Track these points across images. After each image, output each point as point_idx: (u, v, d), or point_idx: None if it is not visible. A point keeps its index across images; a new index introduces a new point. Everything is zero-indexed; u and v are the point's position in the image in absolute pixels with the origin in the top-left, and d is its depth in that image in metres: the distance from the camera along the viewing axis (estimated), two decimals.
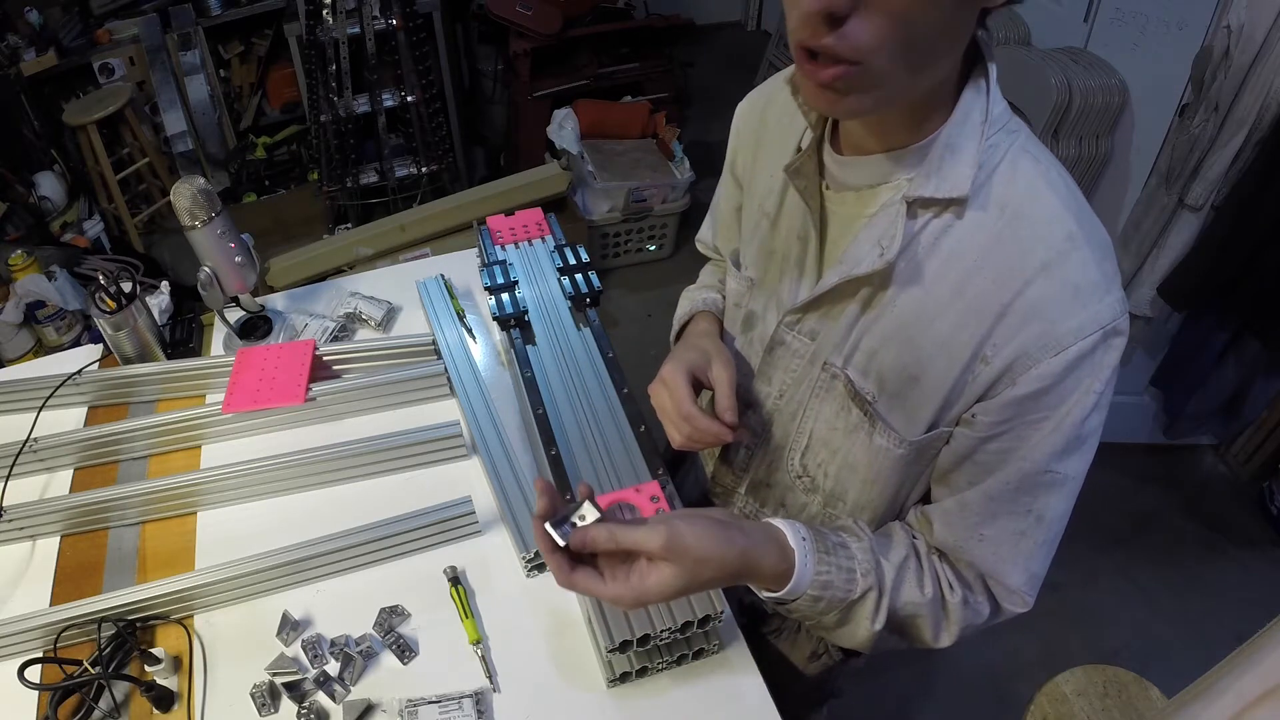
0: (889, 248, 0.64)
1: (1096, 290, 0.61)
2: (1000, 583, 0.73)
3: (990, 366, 0.64)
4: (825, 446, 0.80)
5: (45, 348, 2.57)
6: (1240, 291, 1.81)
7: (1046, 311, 0.61)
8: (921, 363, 0.68)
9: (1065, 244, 0.61)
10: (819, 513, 0.85)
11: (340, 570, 0.94)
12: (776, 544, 0.69)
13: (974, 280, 0.64)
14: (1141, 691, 1.26)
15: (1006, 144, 0.64)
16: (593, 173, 2.86)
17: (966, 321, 0.65)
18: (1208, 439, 2.28)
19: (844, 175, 0.70)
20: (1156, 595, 2.00)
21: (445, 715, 0.80)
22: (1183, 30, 1.76)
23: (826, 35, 0.53)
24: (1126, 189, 2.00)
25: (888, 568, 0.73)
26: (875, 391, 0.72)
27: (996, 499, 0.69)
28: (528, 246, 1.29)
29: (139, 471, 1.07)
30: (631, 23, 3.32)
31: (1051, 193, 0.63)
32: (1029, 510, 0.69)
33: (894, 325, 0.69)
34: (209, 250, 1.13)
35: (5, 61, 2.83)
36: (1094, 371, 0.62)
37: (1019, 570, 0.72)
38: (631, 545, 0.62)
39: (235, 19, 3.19)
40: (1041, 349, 0.62)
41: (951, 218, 0.64)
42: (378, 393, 1.11)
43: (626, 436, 0.96)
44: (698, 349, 0.84)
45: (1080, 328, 0.61)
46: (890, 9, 0.51)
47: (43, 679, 0.84)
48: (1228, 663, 0.71)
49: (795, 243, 0.77)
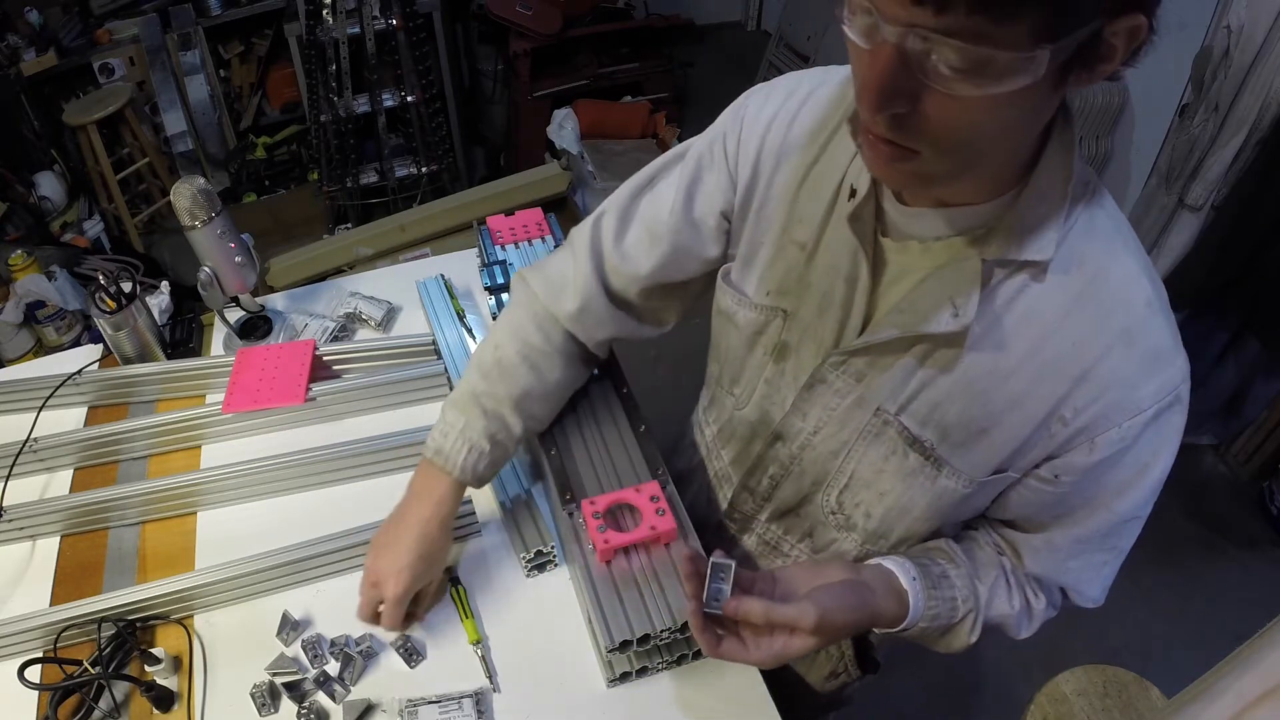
0: (964, 309, 0.62)
1: (1170, 354, 0.63)
2: (1081, 594, 0.78)
3: (1069, 427, 0.65)
4: (869, 488, 0.77)
5: (45, 348, 2.57)
6: (1240, 291, 1.81)
7: (1129, 378, 0.62)
8: (992, 416, 0.67)
9: (1144, 309, 0.62)
10: (854, 550, 0.84)
11: (340, 570, 0.94)
12: (895, 592, 0.73)
13: (1052, 341, 0.63)
14: (1141, 691, 1.26)
15: (1083, 199, 0.62)
16: (593, 173, 2.86)
17: (1043, 379, 0.64)
18: (1208, 439, 2.29)
19: (907, 225, 0.66)
20: (1156, 595, 2.00)
21: (445, 715, 0.80)
22: (1183, 30, 1.77)
23: (885, 125, 0.51)
24: (1126, 189, 2.00)
25: (983, 590, 0.77)
26: (935, 440, 0.71)
27: (1084, 541, 0.73)
28: (528, 246, 1.29)
29: (139, 471, 1.07)
30: (631, 23, 3.32)
31: (1127, 253, 0.63)
32: (1114, 547, 0.74)
33: (961, 382, 0.67)
34: (209, 250, 1.13)
35: (5, 61, 2.84)
36: (1169, 432, 0.65)
37: (1098, 587, 0.78)
38: (786, 623, 0.67)
39: (235, 19, 3.19)
40: (1121, 413, 0.63)
41: (1028, 278, 0.63)
42: (378, 393, 1.11)
43: (626, 436, 0.96)
44: (431, 559, 0.85)
45: (1158, 391, 0.63)
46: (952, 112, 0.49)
47: (43, 679, 0.84)
48: (1228, 663, 0.71)
49: (841, 283, 0.71)
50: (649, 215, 0.83)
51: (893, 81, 0.48)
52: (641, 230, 0.83)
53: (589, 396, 1.03)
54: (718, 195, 0.79)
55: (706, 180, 0.80)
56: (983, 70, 0.46)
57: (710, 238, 0.81)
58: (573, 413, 1.00)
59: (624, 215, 0.84)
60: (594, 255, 0.84)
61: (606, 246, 0.84)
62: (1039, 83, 0.47)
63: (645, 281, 0.83)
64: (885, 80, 0.48)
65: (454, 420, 0.84)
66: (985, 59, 0.45)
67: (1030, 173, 0.60)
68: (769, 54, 3.78)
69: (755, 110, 0.76)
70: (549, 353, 0.86)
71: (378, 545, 0.85)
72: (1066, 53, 0.47)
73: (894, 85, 0.48)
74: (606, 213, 0.85)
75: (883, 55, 0.48)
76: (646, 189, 0.84)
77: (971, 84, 0.47)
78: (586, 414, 1.01)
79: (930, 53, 0.47)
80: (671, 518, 0.83)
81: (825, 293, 0.73)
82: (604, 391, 1.03)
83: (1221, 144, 1.69)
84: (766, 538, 0.93)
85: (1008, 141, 0.56)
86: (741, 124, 0.77)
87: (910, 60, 0.48)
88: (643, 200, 0.84)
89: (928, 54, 0.47)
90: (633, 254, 0.83)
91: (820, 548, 0.87)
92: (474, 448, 0.83)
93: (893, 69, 0.48)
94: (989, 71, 0.46)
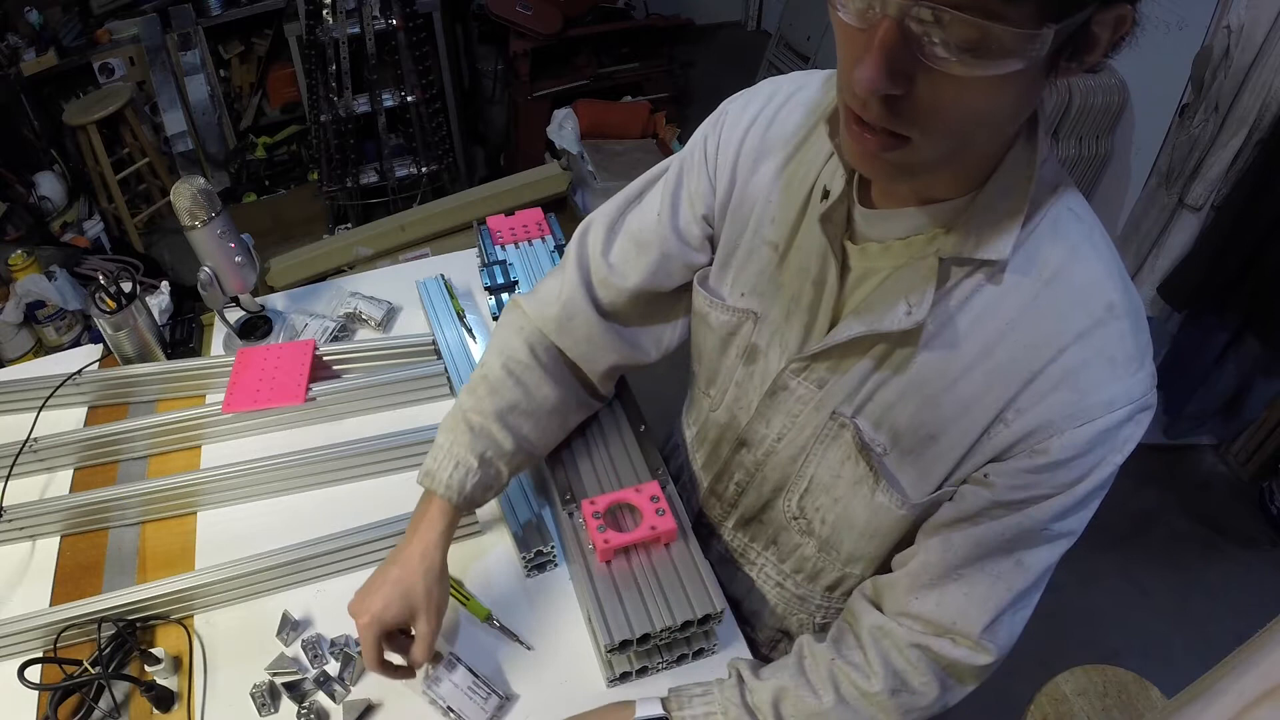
0: (918, 306, 0.61)
1: (1131, 364, 0.60)
2: (962, 633, 0.69)
3: (1010, 429, 0.62)
4: (826, 493, 0.76)
5: (45, 348, 2.57)
6: (1240, 291, 1.81)
7: (1078, 381, 0.59)
8: (941, 422, 0.65)
9: (1105, 313, 0.59)
10: (814, 556, 0.82)
11: (340, 570, 0.94)
12: (614, 706, 0.78)
13: (1005, 342, 0.61)
14: (1141, 691, 1.26)
15: (1049, 200, 0.61)
16: (593, 173, 2.86)
17: (993, 384, 0.62)
18: (1208, 439, 2.28)
19: (869, 229, 0.66)
20: (1156, 595, 2.00)
21: (470, 691, 0.80)
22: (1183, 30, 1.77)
23: (878, 109, 0.51)
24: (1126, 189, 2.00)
25: (761, 691, 0.74)
26: (887, 444, 0.69)
27: (983, 542, 0.66)
28: (528, 246, 1.30)
29: (139, 471, 1.07)
30: (631, 23, 3.32)
31: (1095, 256, 0.61)
32: (1014, 558, 0.66)
33: (914, 382, 0.66)
34: (209, 250, 1.13)
35: (5, 61, 2.84)
36: (1118, 446, 0.61)
37: (986, 615, 0.68)
38: None
39: (235, 19, 3.18)
40: (1067, 419, 0.60)
41: (984, 278, 0.62)
42: (378, 393, 1.11)
43: (626, 436, 0.96)
44: (405, 589, 0.76)
45: (1111, 401, 0.59)
46: (947, 95, 0.49)
47: (43, 679, 0.84)
48: (1228, 663, 0.71)
49: (808, 287, 0.71)
50: (635, 227, 0.83)
51: (891, 61, 0.48)
52: (629, 242, 0.82)
53: None
54: (698, 200, 0.79)
55: (688, 186, 0.80)
56: (986, 49, 0.46)
57: (696, 243, 0.80)
58: None
59: (611, 228, 0.84)
60: (580, 267, 0.84)
61: (594, 258, 0.84)
62: (1031, 69, 0.48)
63: (634, 292, 0.82)
64: (884, 58, 0.47)
65: (442, 441, 0.82)
66: (992, 36, 0.45)
67: (995, 171, 0.60)
68: (769, 54, 3.78)
69: (735, 114, 0.77)
70: (533, 367, 0.84)
71: (363, 588, 0.79)
72: (1065, 35, 0.47)
73: (892, 65, 0.48)
74: (593, 226, 0.85)
75: (882, 32, 0.47)
76: (634, 203, 0.84)
77: (972, 64, 0.47)
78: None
79: (930, 32, 0.46)
80: (671, 518, 0.83)
81: (794, 296, 0.73)
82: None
83: (1221, 144, 1.69)
84: (734, 545, 0.93)
85: (993, 130, 0.56)
86: (721, 128, 0.77)
87: (910, 38, 0.47)
88: (630, 214, 0.84)
89: (927, 33, 0.47)
90: (620, 266, 0.82)
91: (785, 555, 0.86)
92: (460, 463, 0.79)
93: (893, 46, 0.47)
94: (992, 51, 0.46)
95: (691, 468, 0.97)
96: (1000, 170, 0.60)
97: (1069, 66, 0.51)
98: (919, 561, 0.70)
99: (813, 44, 3.55)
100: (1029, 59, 0.46)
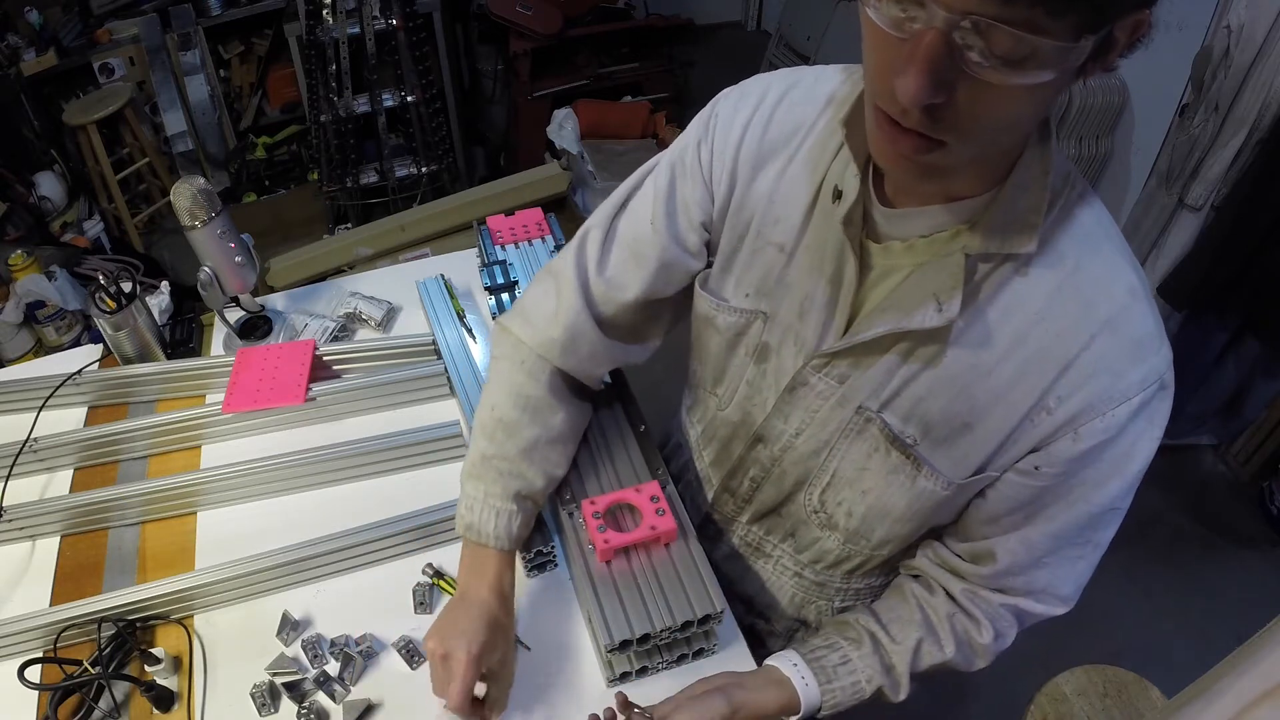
0: (948, 304, 0.62)
1: (1153, 342, 0.63)
2: (1053, 594, 0.76)
3: (1053, 416, 0.65)
4: (851, 486, 0.78)
5: (45, 348, 2.57)
6: (1240, 291, 1.81)
7: (1113, 365, 0.63)
8: (975, 411, 0.67)
9: (1127, 298, 0.63)
10: (837, 549, 0.84)
11: (340, 570, 0.94)
12: (775, 682, 0.77)
13: (1035, 332, 0.64)
14: (1141, 691, 1.26)
15: (1063, 190, 0.63)
16: (593, 173, 2.86)
17: (1027, 372, 0.64)
18: (1208, 439, 2.28)
19: (890, 227, 0.67)
20: (1157, 595, 2.00)
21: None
22: (1183, 30, 1.77)
23: (918, 116, 0.51)
24: (1126, 189, 2.00)
25: (899, 653, 0.79)
26: (918, 435, 0.71)
27: (1061, 536, 0.72)
28: (528, 246, 1.30)
29: (139, 471, 1.07)
30: (631, 23, 3.32)
31: (1109, 243, 0.64)
32: (1089, 541, 0.73)
33: (946, 376, 0.67)
34: (209, 250, 1.13)
35: (5, 61, 2.84)
36: (1155, 420, 0.65)
37: (1071, 584, 0.76)
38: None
39: (235, 19, 3.18)
40: (1106, 401, 0.63)
41: (1011, 271, 0.63)
42: (378, 393, 1.11)
43: (626, 436, 0.96)
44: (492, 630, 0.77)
45: (1143, 379, 0.63)
46: (985, 102, 0.50)
47: (43, 679, 0.84)
48: (1228, 663, 0.71)
49: (824, 285, 0.71)
50: (629, 236, 0.81)
51: (936, 72, 0.48)
52: (625, 253, 0.81)
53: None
54: (695, 208, 0.78)
55: (683, 192, 0.79)
56: (1026, 60, 0.47)
57: (694, 250, 0.80)
58: None
59: (605, 240, 0.83)
60: (580, 285, 0.82)
61: (591, 274, 0.82)
62: (1063, 74, 0.49)
63: (634, 303, 0.82)
64: (930, 69, 0.48)
65: (474, 492, 0.82)
66: (1035, 48, 0.46)
67: (1013, 167, 0.61)
68: (769, 54, 3.78)
69: (727, 116, 0.76)
70: (543, 396, 0.84)
71: (439, 625, 0.78)
72: (1099, 43, 0.48)
73: (936, 76, 0.48)
74: (587, 239, 0.84)
75: (927, 43, 0.48)
76: (622, 210, 0.83)
77: (1012, 73, 0.48)
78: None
79: (972, 43, 0.47)
80: (671, 518, 0.83)
81: (807, 294, 0.73)
82: (604, 391, 1.03)
83: (1221, 144, 1.70)
84: (748, 539, 0.93)
85: (1020, 131, 0.58)
86: (714, 131, 0.76)
87: (953, 49, 0.48)
88: (620, 222, 0.83)
89: (968, 44, 0.47)
90: (619, 279, 0.82)
91: (803, 547, 0.87)
92: (500, 511, 0.81)
93: (938, 58, 0.48)
94: (1032, 61, 0.47)
95: (698, 466, 0.97)
96: (1019, 166, 0.61)
97: (1094, 68, 0.52)
98: (1006, 563, 0.75)
99: (813, 44, 3.56)
100: (1069, 66, 0.48)
